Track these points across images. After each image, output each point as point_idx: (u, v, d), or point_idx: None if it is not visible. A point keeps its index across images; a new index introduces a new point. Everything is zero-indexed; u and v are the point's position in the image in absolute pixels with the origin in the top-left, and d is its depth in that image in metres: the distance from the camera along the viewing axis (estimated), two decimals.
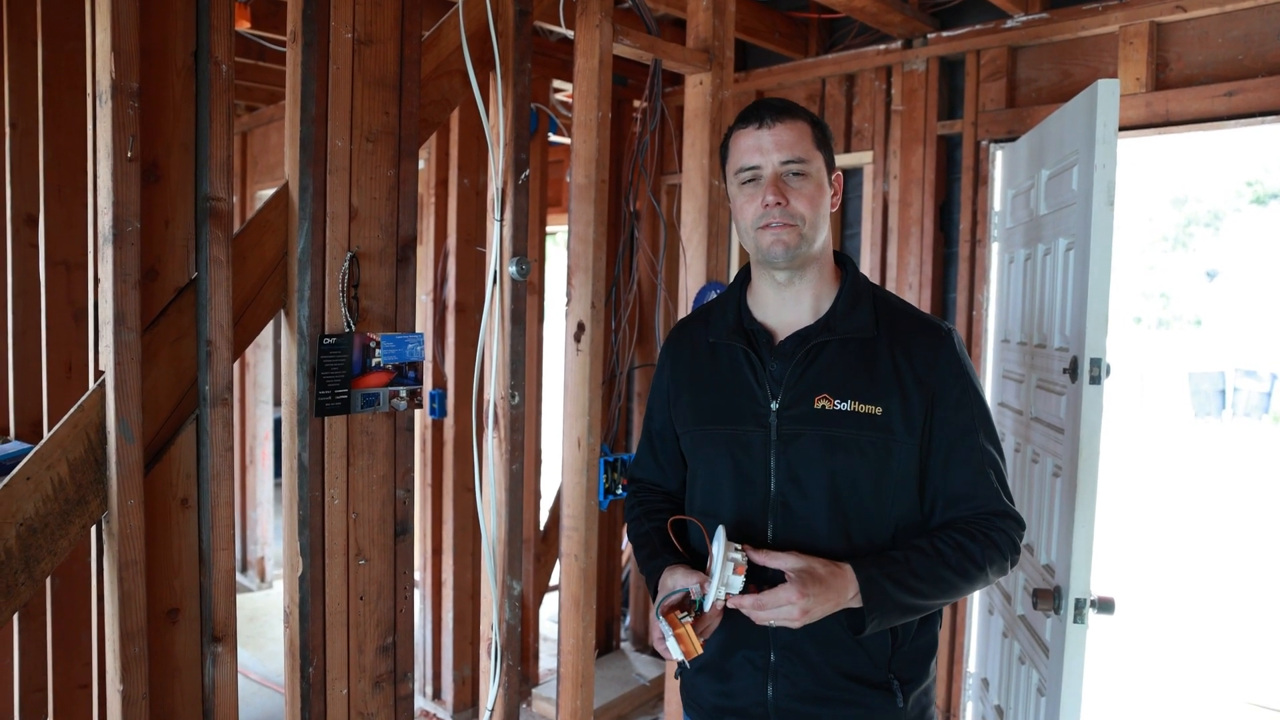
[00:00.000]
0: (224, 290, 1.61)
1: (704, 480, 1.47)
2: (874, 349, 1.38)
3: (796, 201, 1.34)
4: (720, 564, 1.27)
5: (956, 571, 1.32)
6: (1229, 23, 2.68)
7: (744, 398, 1.41)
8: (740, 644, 1.41)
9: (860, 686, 1.37)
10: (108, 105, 1.45)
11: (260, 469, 5.02)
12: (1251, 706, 3.97)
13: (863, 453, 1.35)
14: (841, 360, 1.38)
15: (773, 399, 1.38)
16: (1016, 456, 2.67)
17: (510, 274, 2.10)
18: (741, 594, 1.27)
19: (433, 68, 1.97)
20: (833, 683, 1.36)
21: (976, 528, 1.35)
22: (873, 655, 1.37)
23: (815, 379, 1.37)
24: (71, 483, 1.47)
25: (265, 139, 4.78)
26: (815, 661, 1.36)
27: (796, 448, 1.36)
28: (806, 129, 1.37)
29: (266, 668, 3.97)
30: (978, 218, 3.16)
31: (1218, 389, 15.93)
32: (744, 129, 1.39)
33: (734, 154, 1.41)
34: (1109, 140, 1.97)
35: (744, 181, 1.38)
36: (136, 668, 1.52)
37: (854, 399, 1.35)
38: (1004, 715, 2.63)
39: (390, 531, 1.88)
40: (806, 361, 1.38)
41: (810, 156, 1.36)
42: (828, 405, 1.35)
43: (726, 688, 1.43)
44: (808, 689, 1.37)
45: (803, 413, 1.37)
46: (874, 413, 1.34)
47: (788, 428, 1.37)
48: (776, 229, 1.35)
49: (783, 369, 1.39)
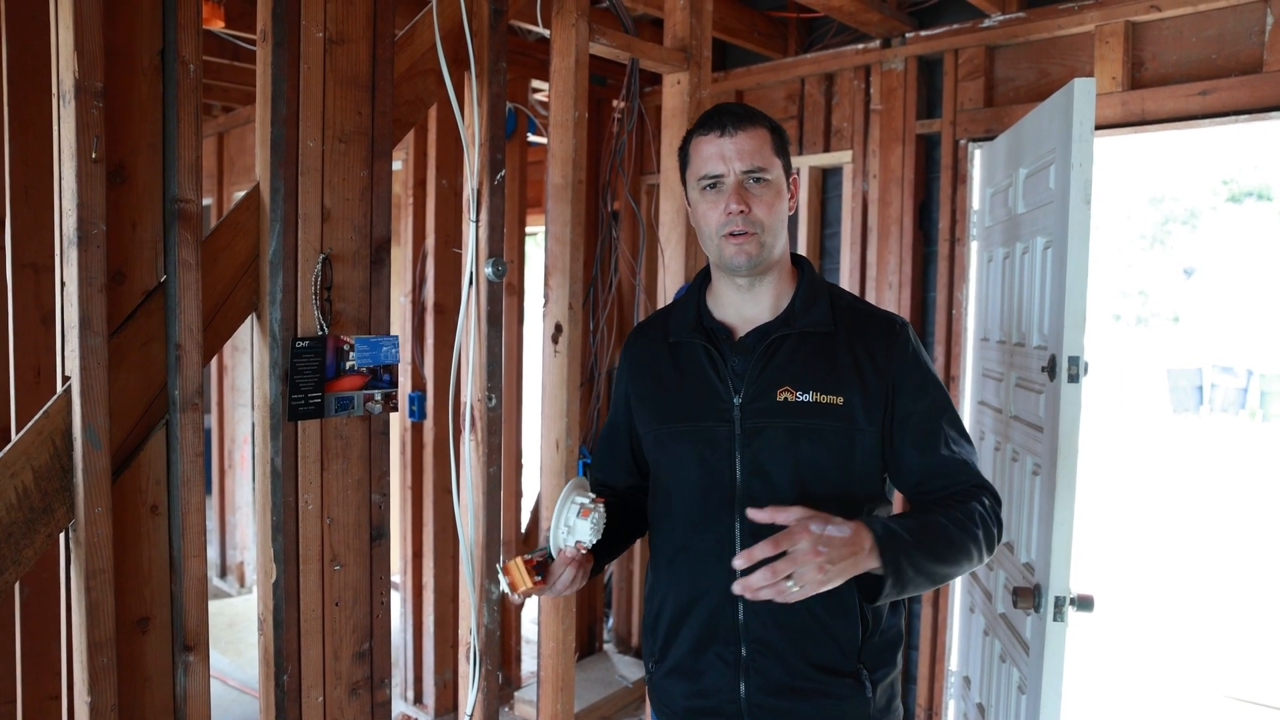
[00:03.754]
0: (194, 293, 1.58)
1: (669, 478, 1.47)
2: (832, 342, 1.41)
3: (758, 209, 1.37)
4: (561, 506, 1.24)
5: (961, 529, 1.28)
6: (1203, 22, 2.70)
7: (707, 394, 1.42)
8: (711, 641, 1.41)
9: (830, 677, 1.37)
10: (71, 105, 1.42)
11: (239, 473, 4.97)
12: (1231, 700, 4.00)
13: (826, 442, 1.37)
14: (801, 353, 1.40)
15: (735, 394, 1.40)
16: (996, 455, 2.68)
17: (486, 275, 2.08)
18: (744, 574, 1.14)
19: (406, 67, 1.95)
20: (804, 674, 1.37)
21: (964, 495, 1.36)
22: (843, 645, 1.38)
23: (776, 372, 1.39)
24: (37, 491, 1.44)
25: (242, 140, 4.72)
26: (785, 654, 1.37)
27: (761, 440, 1.38)
28: (766, 136, 1.39)
29: (245, 674, 3.93)
30: (957, 216, 3.17)
31: (1195, 385, 16.11)
32: (705, 135, 1.40)
33: (695, 160, 1.42)
34: (1085, 139, 1.98)
35: (706, 188, 1.40)
36: (105, 678, 1.49)
37: (815, 390, 1.37)
38: (985, 713, 2.63)
39: (366, 536, 1.86)
40: (767, 356, 1.40)
41: (770, 164, 1.38)
42: (790, 397, 1.37)
43: (698, 687, 1.43)
44: (779, 681, 1.37)
45: (766, 405, 1.38)
46: (835, 402, 1.37)
47: (751, 421, 1.38)
48: (740, 239, 1.37)
49: (744, 363, 1.41)
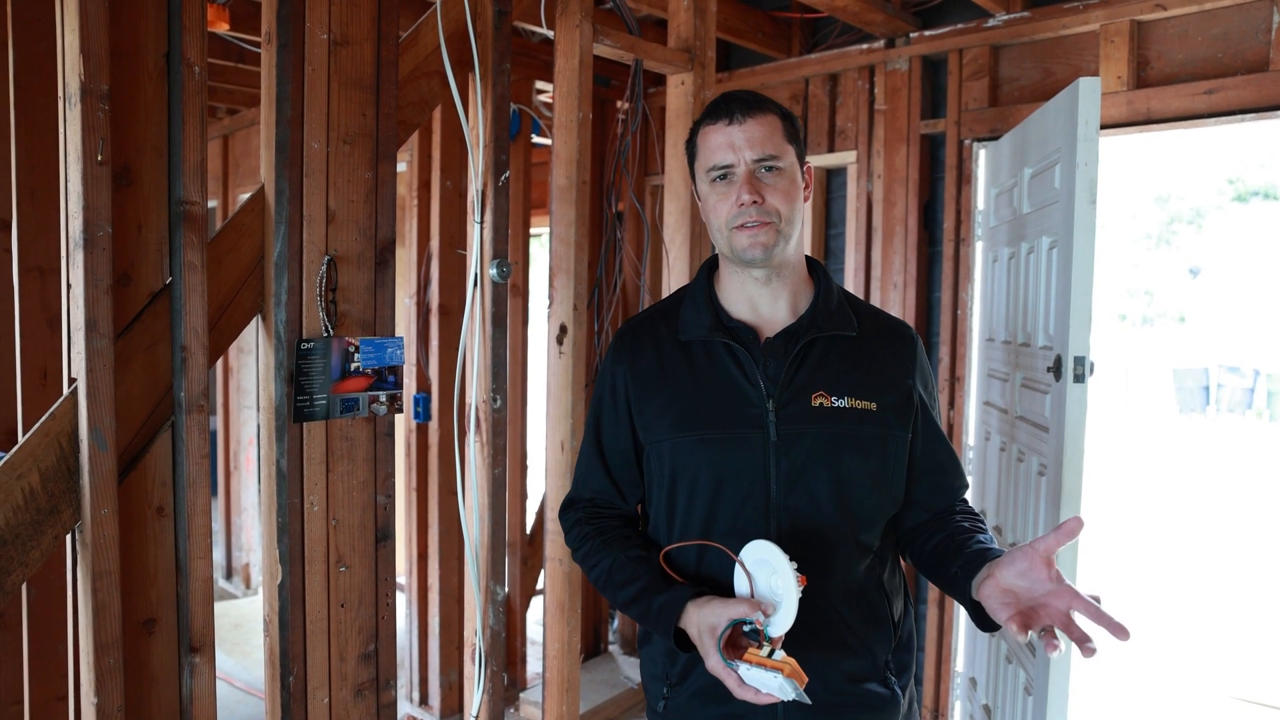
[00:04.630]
0: (199, 295, 1.59)
1: (690, 490, 1.34)
2: (859, 346, 1.36)
3: (772, 198, 1.30)
4: (788, 577, 1.14)
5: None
6: (1209, 21, 2.69)
7: (734, 398, 1.32)
8: None
9: (863, 688, 1.34)
10: (77, 108, 1.42)
11: (245, 474, 4.98)
12: (1237, 701, 3.98)
13: (863, 449, 1.31)
14: (831, 357, 1.34)
15: (769, 398, 1.31)
16: (1002, 455, 2.67)
17: (491, 277, 2.08)
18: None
19: (411, 69, 1.95)
20: (840, 689, 1.32)
21: (966, 514, 1.40)
22: (876, 656, 1.35)
23: (809, 376, 1.32)
24: (43, 492, 1.44)
25: (247, 142, 4.73)
26: (823, 669, 1.29)
27: (800, 449, 1.30)
28: (777, 123, 1.32)
29: (251, 675, 3.93)
30: (961, 216, 3.16)
31: (1201, 385, 16.05)
32: (713, 125, 1.33)
33: (704, 151, 1.35)
34: (1091, 138, 1.98)
35: (715, 179, 1.33)
36: (111, 679, 1.50)
37: (850, 395, 1.32)
38: (992, 714, 2.63)
39: (371, 538, 1.86)
40: (799, 359, 1.33)
41: (783, 151, 1.31)
42: (825, 403, 1.31)
43: (729, 711, 1.30)
44: (818, 697, 1.27)
45: (801, 411, 1.30)
46: (870, 408, 1.32)
47: (788, 428, 1.30)
48: (753, 229, 1.29)
49: (778, 366, 1.33)
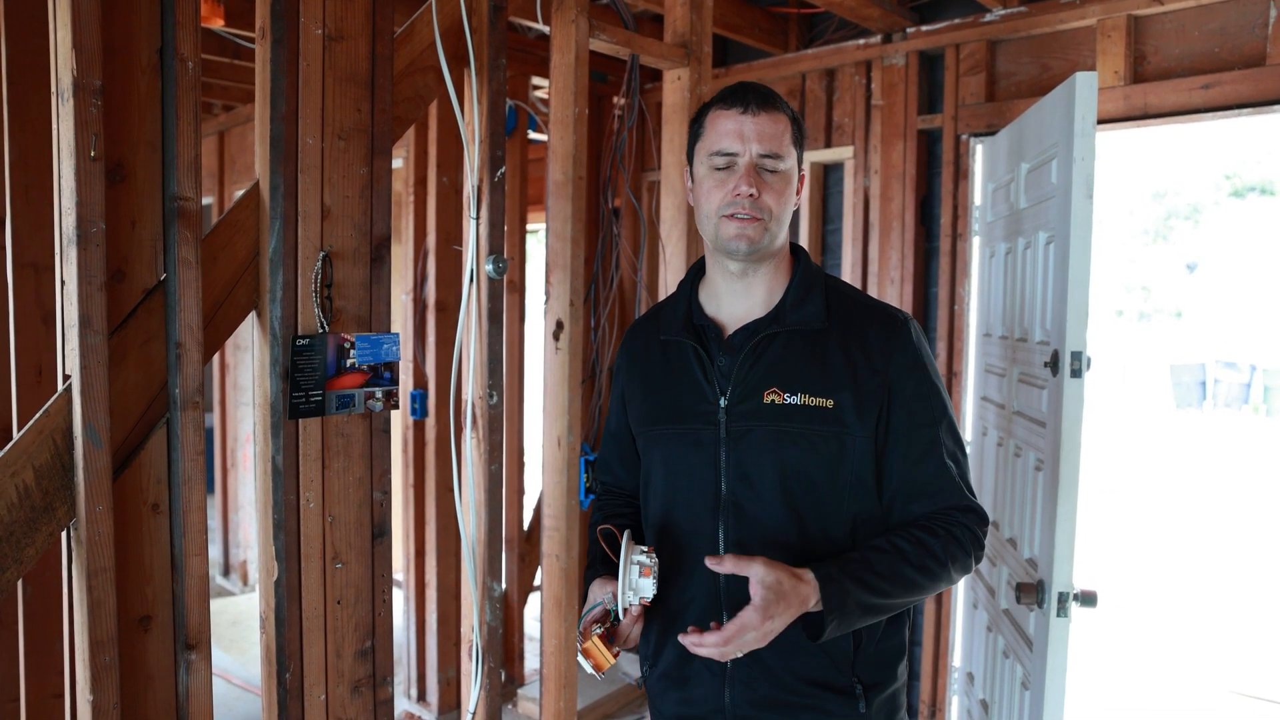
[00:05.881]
0: (193, 291, 1.58)
1: (656, 482, 1.43)
2: (825, 340, 1.34)
3: (768, 195, 1.30)
4: (624, 569, 1.24)
5: (918, 569, 1.27)
6: (1205, 16, 2.68)
7: (692, 395, 1.37)
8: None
9: (821, 691, 1.33)
10: (69, 103, 1.41)
11: (242, 471, 4.97)
12: (1236, 695, 3.99)
13: (814, 447, 1.31)
14: (791, 352, 1.34)
15: (721, 395, 1.34)
16: (999, 451, 2.67)
17: (487, 272, 2.07)
18: (702, 632, 1.20)
19: (406, 64, 1.94)
20: (792, 688, 1.33)
21: (938, 524, 1.31)
22: (834, 658, 1.33)
23: (764, 373, 1.33)
24: (38, 489, 1.44)
25: (243, 138, 4.72)
26: (773, 667, 1.32)
27: (746, 444, 1.32)
28: (787, 124, 1.34)
29: (249, 672, 3.93)
30: (958, 212, 3.16)
31: (1198, 380, 16.09)
32: (726, 110, 1.33)
33: (710, 134, 1.34)
34: (1087, 133, 1.97)
35: (717, 166, 1.33)
36: (107, 677, 1.49)
37: (804, 392, 1.31)
38: (989, 709, 2.63)
39: (367, 534, 1.86)
40: (755, 355, 1.34)
41: (787, 153, 1.33)
42: (777, 399, 1.31)
43: (686, 694, 1.40)
44: (766, 694, 1.33)
45: (752, 408, 1.32)
46: (825, 405, 1.30)
47: (736, 424, 1.33)
48: (743, 221, 1.30)
49: (730, 363, 1.35)
